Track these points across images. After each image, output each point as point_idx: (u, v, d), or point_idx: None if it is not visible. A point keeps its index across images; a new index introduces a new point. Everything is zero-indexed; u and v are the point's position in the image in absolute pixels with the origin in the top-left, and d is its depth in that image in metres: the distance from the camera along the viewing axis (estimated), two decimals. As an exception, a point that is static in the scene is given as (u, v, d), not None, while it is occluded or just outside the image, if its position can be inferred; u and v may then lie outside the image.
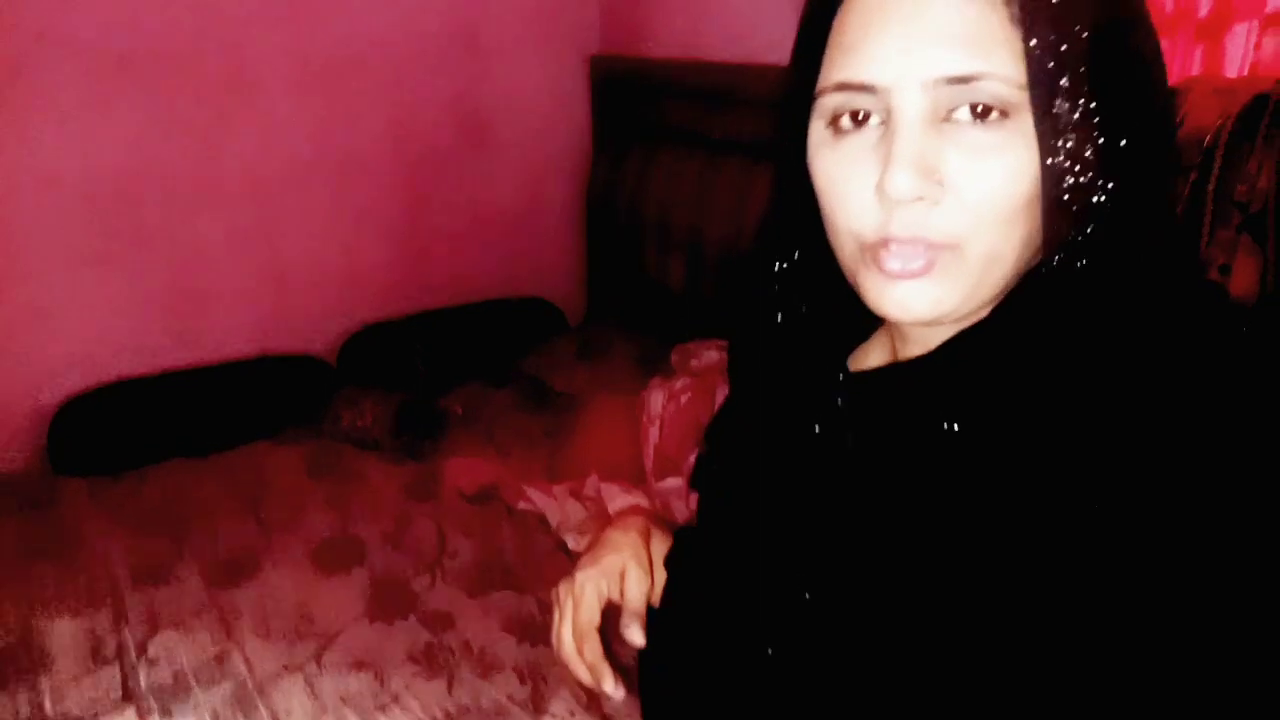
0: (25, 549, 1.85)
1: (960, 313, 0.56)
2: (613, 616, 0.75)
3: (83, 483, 2.10)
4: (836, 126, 0.56)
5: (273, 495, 2.07)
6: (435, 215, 2.72)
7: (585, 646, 0.74)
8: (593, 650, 0.74)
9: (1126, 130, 0.51)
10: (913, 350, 0.62)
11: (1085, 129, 0.50)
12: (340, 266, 2.59)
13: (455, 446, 2.28)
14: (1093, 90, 0.50)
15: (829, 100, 0.56)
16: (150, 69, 2.19)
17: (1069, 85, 0.50)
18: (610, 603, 0.75)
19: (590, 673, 0.74)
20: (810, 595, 0.59)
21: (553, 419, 2.37)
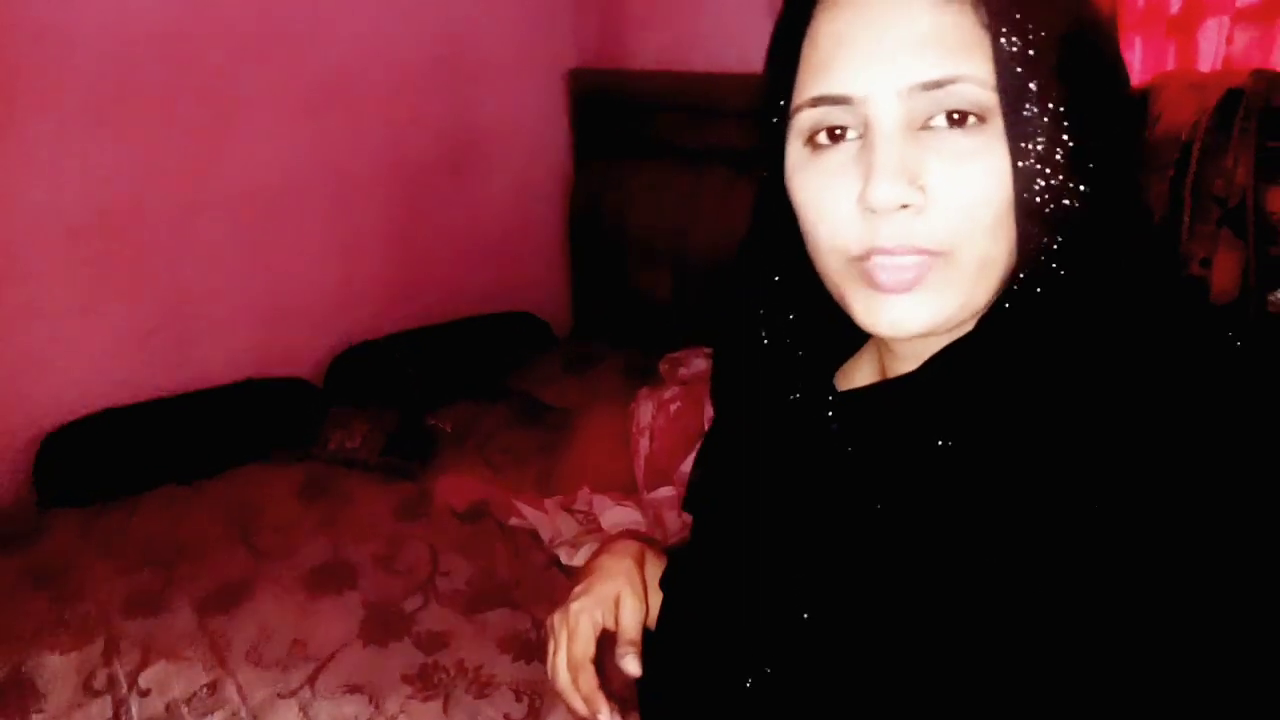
0: (14, 582, 1.84)
1: (955, 323, 0.55)
2: (608, 644, 0.75)
3: (71, 514, 2.08)
4: (814, 144, 0.56)
5: (263, 520, 2.06)
6: (421, 234, 2.72)
7: (580, 677, 0.73)
8: (587, 681, 0.73)
9: (1095, 132, 0.51)
10: (902, 365, 0.61)
11: (1055, 131, 0.50)
12: (329, 288, 2.59)
13: (446, 464, 2.27)
14: (1061, 93, 0.50)
15: (805, 117, 0.56)
16: (140, 95, 2.19)
17: (1038, 88, 0.50)
18: (605, 631, 0.75)
19: (586, 704, 0.73)
20: (809, 615, 0.59)
21: (543, 433, 2.36)
